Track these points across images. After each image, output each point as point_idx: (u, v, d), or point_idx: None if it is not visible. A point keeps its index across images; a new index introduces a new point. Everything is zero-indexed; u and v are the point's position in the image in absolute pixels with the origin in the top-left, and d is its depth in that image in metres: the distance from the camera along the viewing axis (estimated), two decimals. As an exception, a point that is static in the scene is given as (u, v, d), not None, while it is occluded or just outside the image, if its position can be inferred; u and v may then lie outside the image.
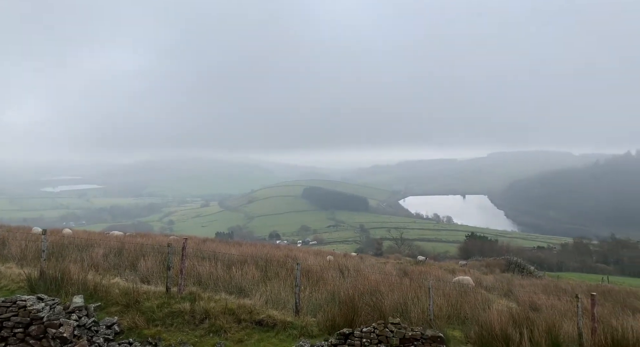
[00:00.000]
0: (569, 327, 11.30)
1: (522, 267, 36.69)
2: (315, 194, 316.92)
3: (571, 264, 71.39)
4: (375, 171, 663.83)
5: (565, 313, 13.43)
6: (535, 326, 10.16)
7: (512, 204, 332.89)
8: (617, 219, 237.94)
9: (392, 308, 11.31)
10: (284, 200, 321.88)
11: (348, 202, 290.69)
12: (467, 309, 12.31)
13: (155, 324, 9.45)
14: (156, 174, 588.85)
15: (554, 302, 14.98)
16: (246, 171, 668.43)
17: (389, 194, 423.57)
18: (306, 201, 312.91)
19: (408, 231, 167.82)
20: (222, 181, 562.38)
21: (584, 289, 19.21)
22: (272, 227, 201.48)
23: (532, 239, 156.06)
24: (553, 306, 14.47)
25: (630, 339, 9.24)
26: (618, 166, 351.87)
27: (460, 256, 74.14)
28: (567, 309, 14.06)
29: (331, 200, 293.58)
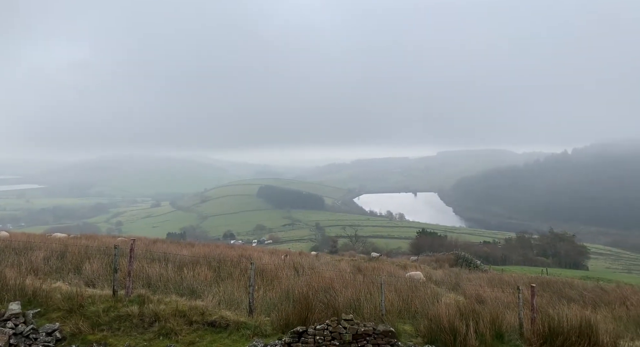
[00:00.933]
0: (512, 317, 11.91)
1: (470, 262, 38.27)
2: (271, 192, 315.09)
3: (514, 257, 75.24)
4: (331, 170, 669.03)
5: (508, 304, 14.14)
6: (481, 318, 10.64)
7: (460, 201, 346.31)
8: (555, 213, 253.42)
9: (346, 305, 11.47)
10: (239, 199, 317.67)
11: (304, 201, 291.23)
12: (418, 303, 12.70)
13: (101, 329, 9.07)
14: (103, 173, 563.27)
15: (498, 295, 15.71)
16: (199, 170, 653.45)
17: (344, 192, 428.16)
18: (261, 199, 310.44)
19: (362, 228, 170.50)
20: (173, 179, 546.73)
21: (525, 281, 20.31)
22: (227, 227, 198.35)
23: (479, 234, 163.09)
24: (497, 298, 15.18)
25: (565, 326, 9.89)
26: (556, 164, 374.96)
27: (411, 252, 76.09)
28: (510, 300, 14.79)
29: (287, 199, 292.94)
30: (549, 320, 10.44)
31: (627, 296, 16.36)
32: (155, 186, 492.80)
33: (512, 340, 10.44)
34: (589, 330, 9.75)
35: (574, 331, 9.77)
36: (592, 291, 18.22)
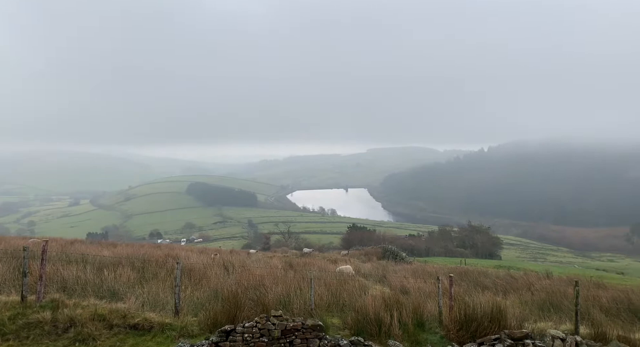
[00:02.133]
0: (432, 306, 12.65)
1: (396, 254, 39.97)
2: (201, 190, 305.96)
3: (437, 249, 79.62)
4: (264, 166, 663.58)
5: (430, 294, 14.99)
6: (404, 308, 11.19)
7: (388, 196, 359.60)
8: (473, 207, 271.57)
9: (276, 301, 11.52)
10: (166, 197, 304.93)
11: (236, 198, 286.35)
12: (346, 296, 13.05)
13: (7, 339, 8.33)
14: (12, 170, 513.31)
15: (421, 285, 16.59)
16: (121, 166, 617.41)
17: (277, 188, 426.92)
18: (191, 197, 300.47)
19: (295, 224, 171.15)
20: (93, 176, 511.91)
21: (446, 271, 21.60)
22: (153, 226, 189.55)
23: (405, 228, 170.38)
24: (420, 288, 16.03)
25: (479, 312, 10.68)
26: (474, 161, 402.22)
27: (342, 246, 77.79)
28: (431, 290, 15.68)
29: (218, 196, 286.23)
30: (465, 307, 11.21)
31: (533, 282, 18.02)
32: (73, 184, 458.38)
33: (432, 328, 11.09)
34: (499, 315, 10.60)
35: (486, 316, 10.57)
36: (504, 278, 19.81)
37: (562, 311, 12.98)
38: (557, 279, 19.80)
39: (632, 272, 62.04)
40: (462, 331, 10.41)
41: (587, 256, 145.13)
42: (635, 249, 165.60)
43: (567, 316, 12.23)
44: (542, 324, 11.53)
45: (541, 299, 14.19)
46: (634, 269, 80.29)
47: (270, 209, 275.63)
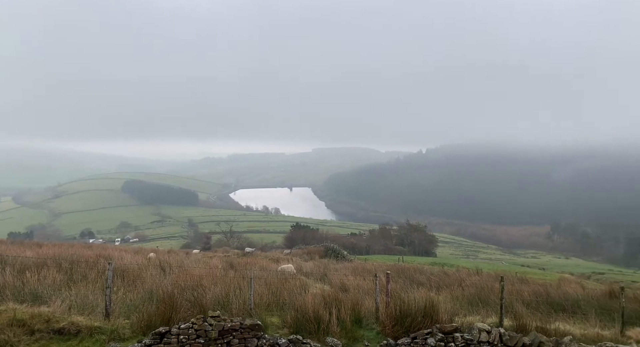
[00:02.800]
0: (370, 303, 12.99)
1: (337, 253, 40.59)
2: (138, 187, 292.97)
3: (377, 247, 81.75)
4: (206, 164, 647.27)
5: (368, 291, 15.36)
6: (343, 305, 11.41)
7: (331, 196, 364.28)
8: (411, 206, 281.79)
9: (214, 301, 11.33)
10: (100, 194, 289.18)
11: (176, 196, 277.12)
12: (286, 295, 13.08)
13: None
14: None
15: (360, 282, 16.97)
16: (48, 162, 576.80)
17: (219, 187, 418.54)
18: (127, 195, 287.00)
19: (238, 223, 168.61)
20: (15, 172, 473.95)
21: (384, 268, 22.24)
22: (85, 225, 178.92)
23: (347, 227, 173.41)
24: (359, 285, 16.39)
25: (413, 308, 11.13)
26: (413, 162, 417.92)
27: (285, 245, 77.71)
28: (370, 287, 16.07)
29: (157, 194, 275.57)
30: (401, 303, 11.63)
31: (464, 278, 19.03)
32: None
33: (369, 324, 11.40)
34: (432, 310, 11.10)
35: (420, 311, 11.03)
36: (437, 275, 20.75)
37: (490, 305, 13.78)
38: (486, 275, 21.02)
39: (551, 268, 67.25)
40: (397, 326, 10.79)
41: (513, 253, 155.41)
42: (555, 246, 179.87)
43: (493, 310, 13.02)
44: (471, 317, 12.21)
45: (471, 294, 15.00)
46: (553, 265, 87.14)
47: (212, 208, 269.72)
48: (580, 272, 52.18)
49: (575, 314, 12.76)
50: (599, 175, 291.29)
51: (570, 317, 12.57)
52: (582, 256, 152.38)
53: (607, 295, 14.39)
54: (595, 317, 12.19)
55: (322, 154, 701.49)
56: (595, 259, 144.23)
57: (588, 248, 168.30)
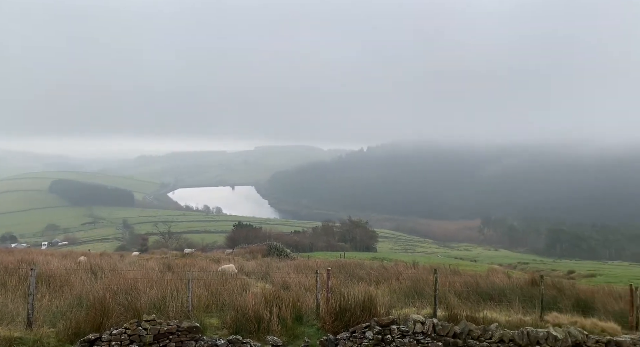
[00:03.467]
0: (311, 299, 13.12)
1: (281, 251, 40.56)
2: (68, 187, 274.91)
3: (320, 244, 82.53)
4: (142, 162, 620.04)
5: (310, 288, 15.49)
6: (284, 303, 11.43)
7: (275, 194, 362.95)
8: (354, 203, 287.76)
9: (150, 305, 10.95)
10: (24, 195, 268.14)
11: (109, 197, 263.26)
12: (226, 295, 12.89)
13: None
14: None
15: (302, 280, 17.06)
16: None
17: (157, 186, 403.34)
18: (55, 195, 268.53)
19: (177, 224, 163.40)
20: None
21: (326, 265, 22.49)
22: (6, 228, 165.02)
23: (290, 225, 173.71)
24: (301, 283, 16.48)
25: (352, 302, 11.39)
26: (355, 160, 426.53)
27: (227, 245, 76.34)
28: (311, 284, 16.22)
29: (88, 194, 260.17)
30: (341, 299, 11.85)
31: (401, 271, 19.74)
32: None
33: (310, 320, 11.52)
34: (370, 304, 11.42)
35: (359, 306, 11.30)
36: (377, 269, 21.34)
37: (425, 296, 14.39)
38: (422, 268, 21.93)
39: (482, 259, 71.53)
40: (337, 321, 10.99)
41: (448, 246, 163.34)
42: (485, 239, 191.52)
43: (428, 301, 13.62)
44: (408, 309, 12.70)
45: (407, 287, 15.58)
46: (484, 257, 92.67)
47: (149, 208, 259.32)
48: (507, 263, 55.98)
49: (502, 302, 13.65)
50: (525, 172, 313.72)
51: (497, 305, 13.43)
52: (510, 248, 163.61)
53: (530, 283, 15.52)
54: (519, 304, 13.11)
55: (265, 152, 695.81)
56: (521, 250, 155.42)
57: (514, 240, 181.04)
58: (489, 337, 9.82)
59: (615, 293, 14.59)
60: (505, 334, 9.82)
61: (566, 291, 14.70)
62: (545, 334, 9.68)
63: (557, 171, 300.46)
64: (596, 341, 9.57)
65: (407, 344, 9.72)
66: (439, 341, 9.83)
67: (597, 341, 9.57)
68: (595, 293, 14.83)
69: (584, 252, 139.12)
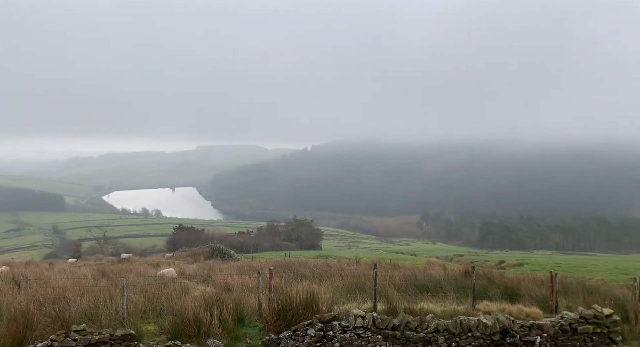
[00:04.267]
0: (254, 300, 13.02)
1: (224, 253, 39.87)
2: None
3: (265, 244, 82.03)
4: (74, 164, 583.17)
5: (253, 289, 15.36)
6: (225, 305, 11.26)
7: (218, 195, 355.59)
8: (299, 202, 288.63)
9: (81, 314, 10.41)
10: None
11: (37, 201, 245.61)
12: (165, 300, 12.50)
13: None
14: None
15: (245, 281, 16.88)
16: None
17: (91, 189, 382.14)
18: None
19: (113, 228, 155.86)
20: None
21: (270, 265, 22.40)
22: None
23: (235, 226, 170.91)
24: (244, 284, 16.30)
25: (295, 301, 11.44)
26: (300, 159, 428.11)
27: (168, 249, 74.04)
28: (254, 285, 16.09)
29: (12, 199, 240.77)
30: (284, 298, 11.87)
31: (344, 268, 20.11)
32: None
33: (253, 321, 11.44)
34: (312, 301, 11.53)
35: (301, 304, 11.38)
36: (321, 267, 21.57)
37: (366, 291, 14.74)
38: (364, 263, 22.48)
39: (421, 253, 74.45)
40: (280, 320, 11.00)
41: (390, 241, 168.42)
42: (424, 233, 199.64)
43: (369, 296, 13.96)
44: (349, 305, 12.96)
45: (350, 283, 15.89)
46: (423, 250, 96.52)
47: (83, 212, 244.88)
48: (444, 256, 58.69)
49: (438, 294, 14.30)
50: (461, 169, 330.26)
51: (434, 296, 14.05)
52: (447, 241, 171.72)
53: (463, 274, 16.37)
54: (453, 294, 13.80)
55: (206, 152, 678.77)
56: (457, 243, 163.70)
57: (451, 234, 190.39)
58: (425, 327, 10.25)
59: (538, 280, 15.76)
60: (440, 323, 10.29)
61: (496, 280, 15.66)
62: (476, 322, 10.27)
63: (489, 168, 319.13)
64: (521, 326, 10.29)
65: (348, 339, 9.93)
66: (379, 334, 10.12)
67: (521, 326, 10.28)
68: (522, 281, 15.94)
69: (513, 243, 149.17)
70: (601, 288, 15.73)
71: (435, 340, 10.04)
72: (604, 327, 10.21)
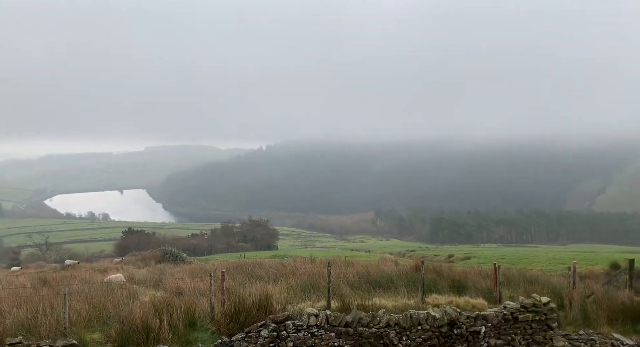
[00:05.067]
0: (206, 303, 12.78)
1: (176, 256, 38.79)
2: None
3: (219, 246, 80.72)
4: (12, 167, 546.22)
5: (205, 292, 15.07)
6: (175, 310, 10.99)
7: (169, 197, 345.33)
8: (254, 202, 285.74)
9: (17, 326, 9.84)
10: None
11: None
12: (111, 307, 12.03)
13: None
14: None
15: (197, 284, 16.53)
16: None
17: (30, 193, 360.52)
18: None
19: (57, 234, 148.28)
20: None
21: (224, 267, 22.08)
22: None
23: (188, 228, 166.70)
24: (196, 287, 15.96)
25: (248, 303, 11.34)
26: (254, 159, 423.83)
27: (116, 253, 71.43)
28: (207, 288, 15.79)
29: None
30: (237, 300, 11.72)
31: (299, 267, 20.12)
32: None
33: (205, 325, 11.23)
34: (266, 302, 11.48)
35: (255, 305, 11.29)
36: (276, 267, 21.46)
37: (320, 289, 14.85)
38: (319, 262, 22.59)
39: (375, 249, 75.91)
40: (233, 323, 10.87)
41: (345, 239, 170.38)
42: (378, 230, 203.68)
43: (323, 294, 14.08)
44: (304, 304, 13.01)
45: (304, 282, 15.93)
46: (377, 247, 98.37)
47: (22, 218, 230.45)
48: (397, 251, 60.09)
49: (390, 289, 14.65)
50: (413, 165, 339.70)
51: (386, 292, 14.38)
52: (400, 237, 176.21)
53: (414, 269, 16.86)
54: (404, 289, 14.19)
55: (156, 153, 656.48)
56: (409, 239, 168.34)
57: (404, 230, 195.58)
58: (377, 323, 10.47)
59: (483, 272, 16.52)
60: (392, 318, 10.55)
61: (444, 273, 16.26)
62: (425, 315, 10.61)
63: (437, 166, 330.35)
64: (467, 317, 10.73)
65: (302, 338, 9.96)
66: (332, 331, 10.23)
67: (467, 317, 10.73)
68: (468, 274, 16.65)
69: (462, 237, 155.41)
70: (540, 278, 16.70)
71: (387, 335, 10.28)
72: (542, 315, 10.86)
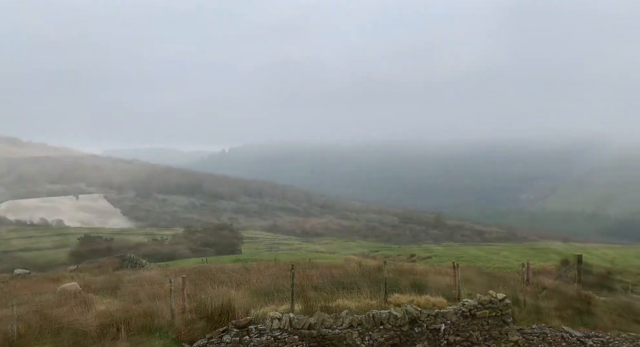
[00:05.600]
0: (166, 310, 12.44)
1: (135, 262, 37.68)
2: None
3: (182, 251, 78.69)
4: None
5: (165, 298, 14.69)
6: (133, 318, 10.66)
7: (129, 201, 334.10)
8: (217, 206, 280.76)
9: (-40, 343, 9.19)
10: None
11: None
12: (64, 317, 11.50)
13: None
14: None
15: (157, 291, 16.07)
16: None
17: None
18: None
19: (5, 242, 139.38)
20: None
21: (186, 272, 21.57)
22: None
23: (148, 233, 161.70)
24: (155, 294, 15.49)
25: (210, 308, 11.15)
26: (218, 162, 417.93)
27: (72, 261, 68.46)
28: (167, 294, 15.37)
29: None
30: (198, 305, 11.49)
31: (262, 271, 19.97)
32: None
33: (164, 332, 10.93)
34: (229, 307, 11.32)
35: (217, 310, 11.12)
36: (239, 271, 21.20)
37: (284, 292, 14.75)
38: (283, 264, 22.50)
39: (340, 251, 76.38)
40: (194, 329, 10.66)
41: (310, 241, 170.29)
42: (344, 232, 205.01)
43: (287, 297, 14.01)
44: (267, 308, 12.87)
45: (268, 286, 15.80)
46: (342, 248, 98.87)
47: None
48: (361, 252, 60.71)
49: (353, 290, 14.73)
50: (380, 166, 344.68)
51: (349, 292, 14.44)
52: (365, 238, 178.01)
53: (377, 269, 17.07)
54: (367, 289, 14.31)
55: (115, 155, 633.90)
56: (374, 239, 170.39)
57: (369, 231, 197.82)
58: (340, 324, 10.54)
59: (443, 271, 16.94)
60: (355, 319, 10.65)
61: (406, 273, 16.56)
62: (387, 314, 10.77)
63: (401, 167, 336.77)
64: (428, 315, 10.98)
65: (265, 342, 9.90)
66: (295, 334, 10.22)
67: (428, 315, 10.98)
68: (429, 273, 17.03)
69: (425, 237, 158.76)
70: (497, 275, 17.32)
71: (350, 335, 10.37)
72: (498, 311, 11.26)
